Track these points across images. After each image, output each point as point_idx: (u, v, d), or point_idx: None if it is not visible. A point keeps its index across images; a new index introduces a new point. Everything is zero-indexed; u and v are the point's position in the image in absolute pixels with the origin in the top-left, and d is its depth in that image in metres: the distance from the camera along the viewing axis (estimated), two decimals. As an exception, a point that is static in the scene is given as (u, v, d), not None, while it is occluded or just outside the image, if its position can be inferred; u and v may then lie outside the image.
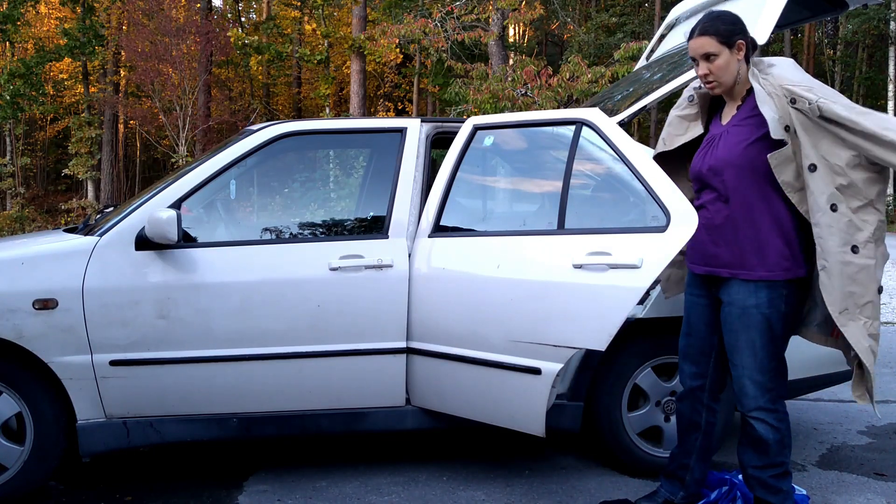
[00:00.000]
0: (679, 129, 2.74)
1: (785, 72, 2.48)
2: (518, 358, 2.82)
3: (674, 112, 2.79)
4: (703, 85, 2.63)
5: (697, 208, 2.60)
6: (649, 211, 2.78)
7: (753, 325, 2.50)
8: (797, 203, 2.45)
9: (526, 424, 2.86)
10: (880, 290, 2.43)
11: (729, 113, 2.61)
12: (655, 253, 2.61)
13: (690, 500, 2.81)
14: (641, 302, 3.09)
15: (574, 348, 2.74)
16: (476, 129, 3.18)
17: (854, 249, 2.36)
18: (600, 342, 2.67)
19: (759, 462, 2.59)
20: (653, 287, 3.08)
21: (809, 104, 2.36)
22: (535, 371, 2.79)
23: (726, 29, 2.53)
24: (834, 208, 2.35)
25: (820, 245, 2.38)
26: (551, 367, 2.75)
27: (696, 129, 2.70)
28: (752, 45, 2.57)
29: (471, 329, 2.93)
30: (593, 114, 2.94)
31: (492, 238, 3.06)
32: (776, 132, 2.42)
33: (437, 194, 3.13)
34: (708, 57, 2.52)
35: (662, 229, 2.63)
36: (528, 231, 3.04)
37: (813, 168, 2.37)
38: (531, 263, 2.84)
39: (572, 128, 2.98)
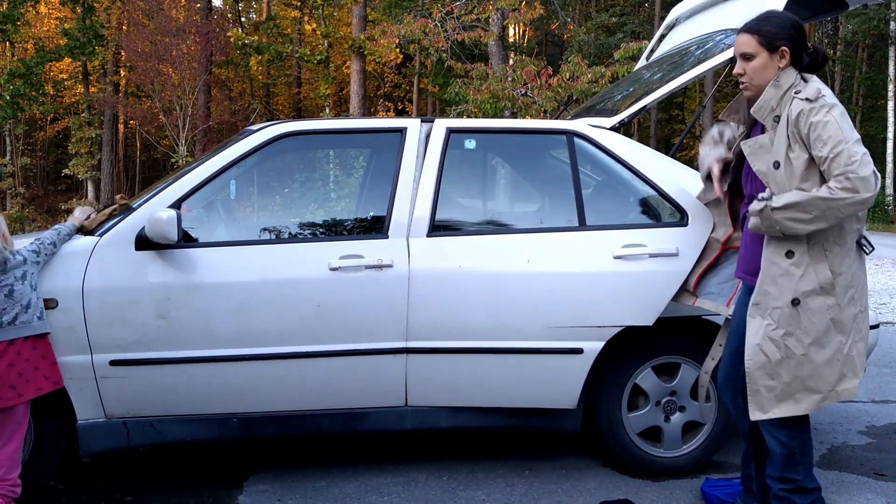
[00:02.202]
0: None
1: (813, 116, 2.33)
2: (557, 342, 3.05)
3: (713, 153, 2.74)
4: (739, 85, 2.55)
5: (743, 219, 2.63)
6: (664, 208, 3.21)
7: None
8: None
9: (560, 401, 3.12)
10: (795, 302, 2.40)
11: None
12: (687, 243, 3.07)
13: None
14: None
15: (621, 326, 3.06)
16: (450, 131, 3.26)
17: (788, 255, 2.40)
18: (648, 319, 3.05)
19: (772, 472, 2.59)
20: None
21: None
22: (578, 351, 3.05)
23: (771, 31, 2.43)
24: None
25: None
26: (593, 346, 3.06)
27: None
28: (807, 57, 2.44)
29: (500, 321, 3.03)
30: (582, 126, 3.30)
31: (515, 235, 3.16)
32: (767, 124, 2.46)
33: (428, 194, 3.14)
34: (745, 56, 2.47)
35: (685, 224, 3.11)
36: (551, 228, 3.20)
37: (777, 165, 2.40)
38: (565, 257, 3.08)
39: (563, 137, 3.30)
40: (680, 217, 3.16)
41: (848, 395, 2.47)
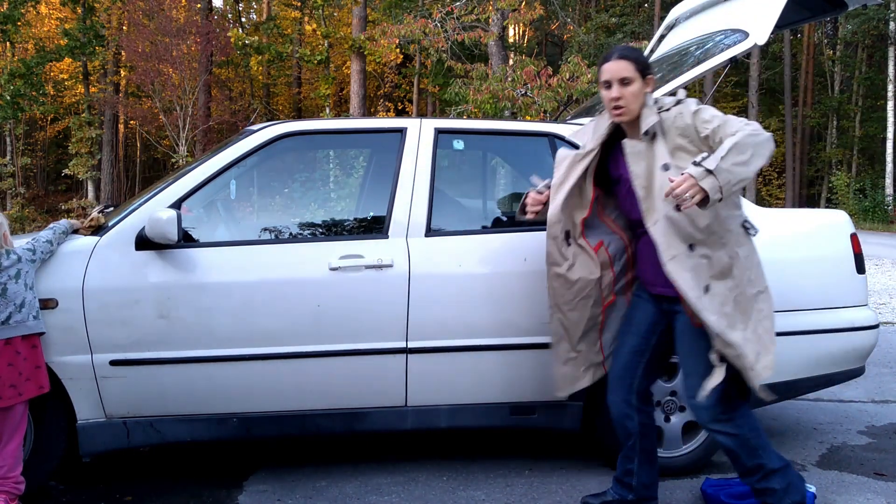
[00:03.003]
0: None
1: (691, 109, 2.54)
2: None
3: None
4: (610, 111, 2.64)
5: (643, 235, 2.66)
6: None
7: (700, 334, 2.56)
8: (644, 198, 2.57)
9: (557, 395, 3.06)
10: (707, 289, 2.47)
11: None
12: None
13: (641, 502, 2.82)
14: None
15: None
16: (438, 131, 3.28)
17: (691, 248, 2.48)
18: None
19: (740, 471, 2.63)
20: None
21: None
22: None
23: (643, 61, 2.63)
24: (678, 208, 2.43)
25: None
26: None
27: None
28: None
29: (500, 319, 3.06)
30: (561, 128, 3.37)
31: (512, 234, 3.16)
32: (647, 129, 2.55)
33: (423, 194, 3.15)
34: (624, 81, 2.57)
35: None
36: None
37: (666, 167, 2.49)
38: None
39: (545, 139, 3.35)
40: None
41: (767, 372, 2.50)
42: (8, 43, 18.31)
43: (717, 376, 2.48)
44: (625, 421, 2.77)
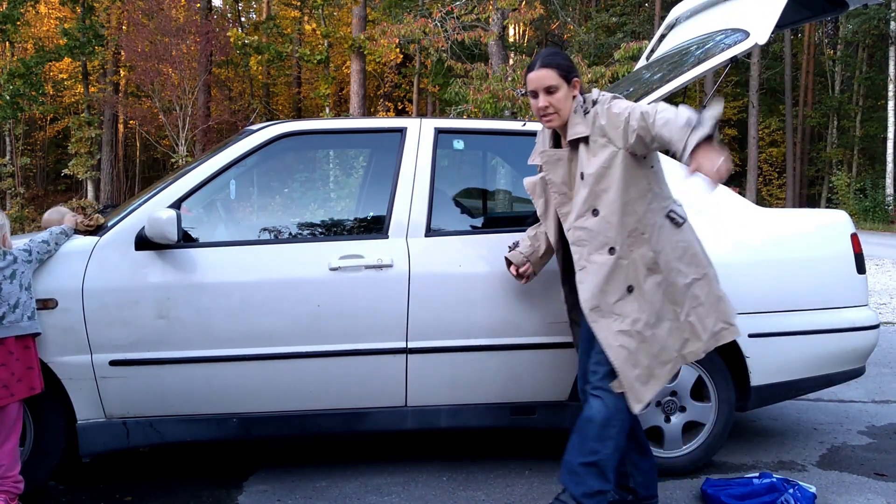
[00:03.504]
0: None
1: (606, 106, 2.53)
2: (556, 338, 3.06)
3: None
4: (539, 119, 2.65)
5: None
6: None
7: None
8: (560, 205, 2.62)
9: (557, 394, 3.15)
10: (630, 289, 2.50)
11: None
12: None
13: (643, 502, 2.81)
14: None
15: None
16: (438, 131, 3.27)
17: (611, 251, 2.49)
18: None
19: (576, 443, 2.56)
20: None
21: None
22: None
23: (566, 65, 2.61)
24: (595, 213, 2.50)
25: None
26: None
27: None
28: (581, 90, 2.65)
29: (500, 319, 3.07)
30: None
31: (511, 234, 3.11)
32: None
33: (424, 194, 3.15)
34: (549, 90, 2.57)
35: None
36: None
37: (582, 176, 2.52)
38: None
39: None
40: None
41: (693, 356, 2.59)
42: (7, 43, 18.30)
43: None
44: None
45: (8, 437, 2.73)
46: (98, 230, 3.01)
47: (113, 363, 2.88)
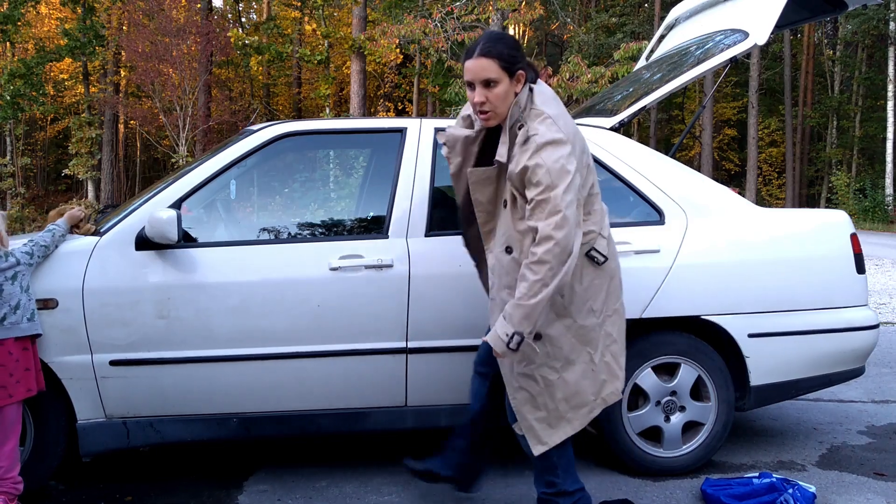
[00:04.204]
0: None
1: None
2: None
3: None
4: (475, 115, 2.38)
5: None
6: (641, 208, 3.26)
7: None
8: (484, 223, 2.45)
9: None
10: (537, 337, 2.34)
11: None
12: (667, 241, 3.16)
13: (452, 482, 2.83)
14: None
15: None
16: (438, 131, 3.22)
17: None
18: (635, 312, 3.08)
19: (536, 473, 2.62)
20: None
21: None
22: None
23: (509, 54, 2.27)
24: (509, 251, 2.34)
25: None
26: None
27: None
28: (532, 79, 2.33)
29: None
30: None
31: None
32: (501, 156, 2.31)
33: (424, 194, 3.15)
34: (487, 83, 2.27)
35: (662, 223, 3.21)
36: None
37: (505, 204, 2.34)
38: None
39: None
40: (658, 216, 3.21)
41: (613, 398, 2.50)
42: (8, 43, 18.31)
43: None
44: (475, 388, 2.76)
45: (7, 438, 2.73)
46: (97, 231, 3.01)
47: (113, 363, 2.89)
